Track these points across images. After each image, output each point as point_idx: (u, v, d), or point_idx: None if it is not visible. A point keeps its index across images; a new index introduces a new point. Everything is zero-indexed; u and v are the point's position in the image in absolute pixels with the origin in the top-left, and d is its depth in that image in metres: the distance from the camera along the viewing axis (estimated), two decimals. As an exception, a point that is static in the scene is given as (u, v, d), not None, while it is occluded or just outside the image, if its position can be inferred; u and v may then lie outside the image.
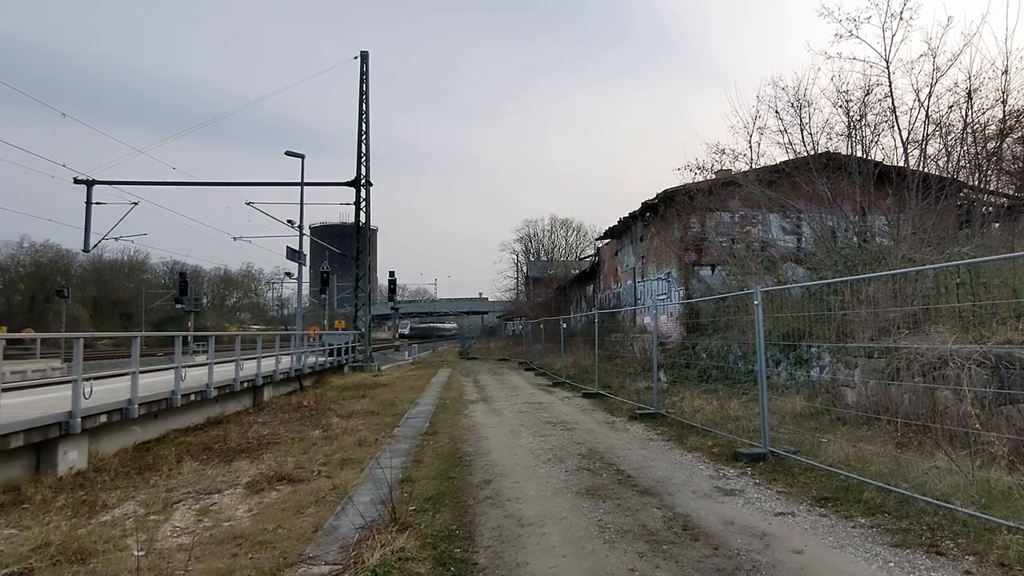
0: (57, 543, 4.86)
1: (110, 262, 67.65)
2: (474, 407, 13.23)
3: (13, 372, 18.88)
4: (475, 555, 4.37)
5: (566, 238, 69.15)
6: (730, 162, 17.85)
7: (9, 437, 6.65)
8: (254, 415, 12.98)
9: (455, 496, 5.99)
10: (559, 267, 49.28)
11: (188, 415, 11.39)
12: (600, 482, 6.39)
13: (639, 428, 9.82)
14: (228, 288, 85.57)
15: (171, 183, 28.86)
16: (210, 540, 5.05)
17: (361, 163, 28.63)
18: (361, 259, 29.26)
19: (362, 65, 29.03)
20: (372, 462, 7.64)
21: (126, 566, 4.32)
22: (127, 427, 9.27)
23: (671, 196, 19.02)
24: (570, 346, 20.89)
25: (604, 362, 16.13)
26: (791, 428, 8.19)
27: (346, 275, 33.77)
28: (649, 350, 15.88)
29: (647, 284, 22.49)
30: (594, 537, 4.67)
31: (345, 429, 10.35)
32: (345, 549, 4.54)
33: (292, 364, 18.28)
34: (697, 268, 18.91)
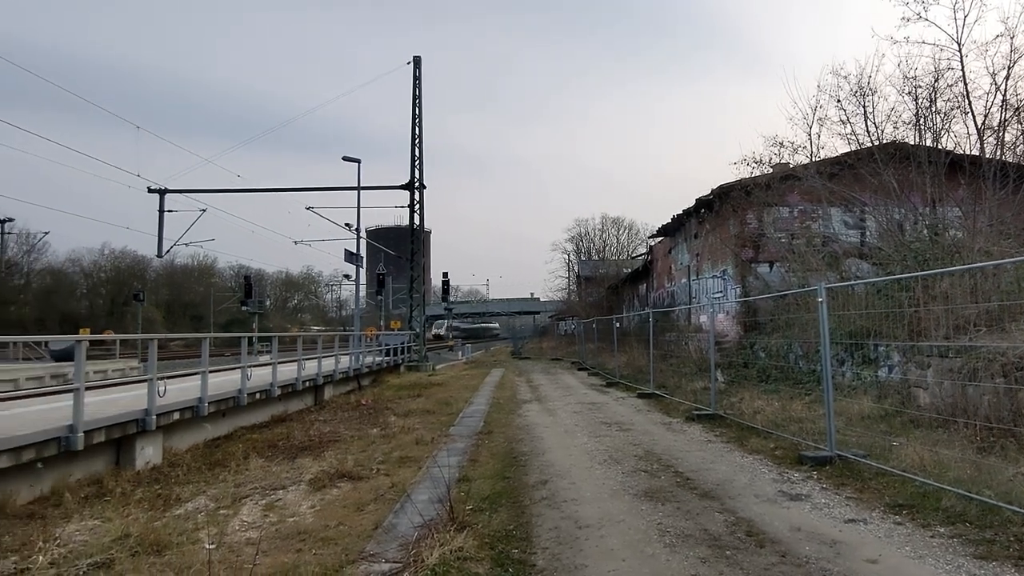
0: (136, 535, 5.08)
1: (181, 267, 71.17)
2: (528, 407, 13.23)
3: (96, 371, 20.05)
4: (533, 556, 4.35)
5: (617, 237, 68.33)
6: (789, 155, 17.25)
7: (93, 433, 7.06)
8: (316, 413, 13.38)
9: (511, 496, 5.99)
10: (611, 266, 48.75)
11: (254, 413, 11.83)
12: (659, 484, 6.28)
13: (697, 429, 9.61)
14: (290, 290, 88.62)
15: (236, 190, 30.18)
16: (276, 535, 5.19)
17: (415, 166, 29.11)
18: (415, 261, 29.76)
19: (415, 70, 29.51)
20: (429, 461, 7.74)
21: (199, 559, 4.46)
22: (198, 424, 9.71)
23: (726, 192, 18.53)
24: (623, 346, 20.65)
25: (659, 362, 15.86)
26: (859, 431, 7.85)
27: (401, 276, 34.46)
28: (705, 349, 15.55)
29: (702, 282, 21.99)
30: (654, 541, 4.58)
31: (402, 428, 10.53)
32: (405, 547, 4.59)
33: (351, 364, 18.73)
34: (754, 265, 18.37)
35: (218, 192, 29.91)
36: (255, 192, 30.47)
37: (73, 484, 6.95)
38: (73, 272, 63.31)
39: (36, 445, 6.37)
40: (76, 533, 5.34)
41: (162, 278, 69.33)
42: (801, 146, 16.97)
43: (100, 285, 64.82)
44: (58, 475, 6.93)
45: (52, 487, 6.77)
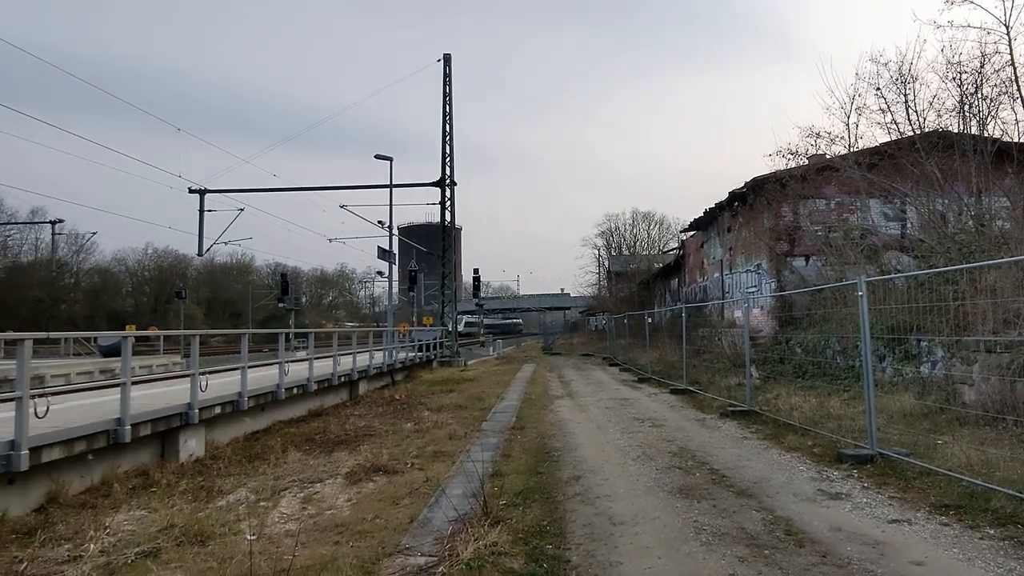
0: (180, 525, 5.23)
1: (221, 265, 73.18)
2: (559, 402, 13.23)
3: (141, 367, 20.70)
4: (567, 552, 4.35)
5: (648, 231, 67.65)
6: (826, 146, 16.85)
7: (139, 426, 7.31)
8: (350, 408, 13.60)
9: (544, 492, 6.00)
10: (642, 261, 48.33)
11: (291, 407, 12.09)
12: (693, 481, 6.22)
13: (731, 426, 9.49)
14: (324, 287, 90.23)
15: (272, 189, 30.88)
16: (314, 527, 5.28)
17: (446, 163, 29.28)
18: (447, 257, 29.94)
19: (445, 67, 29.65)
20: (462, 455, 7.80)
21: (240, 549, 4.56)
22: (238, 418, 9.97)
23: (761, 184, 18.20)
24: (655, 341, 20.47)
25: (692, 357, 15.68)
26: (901, 428, 7.65)
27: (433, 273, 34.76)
28: (739, 345, 15.30)
29: (735, 276, 21.65)
30: (690, 539, 4.54)
31: (435, 423, 10.63)
32: (440, 541, 4.63)
33: (384, 359, 18.97)
34: (789, 259, 18.01)
35: (255, 192, 30.67)
36: (290, 191, 31.15)
37: (121, 475, 7.20)
38: (119, 271, 65.78)
39: (87, 437, 6.62)
40: (124, 523, 5.53)
41: (202, 276, 71.34)
42: (838, 136, 16.56)
43: (144, 283, 67.14)
44: (107, 466, 7.19)
45: (102, 478, 7.03)
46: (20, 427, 5.68)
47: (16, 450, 5.62)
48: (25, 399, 5.72)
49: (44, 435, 6.04)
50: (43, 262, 54.53)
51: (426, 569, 4.14)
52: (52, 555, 4.86)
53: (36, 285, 52.76)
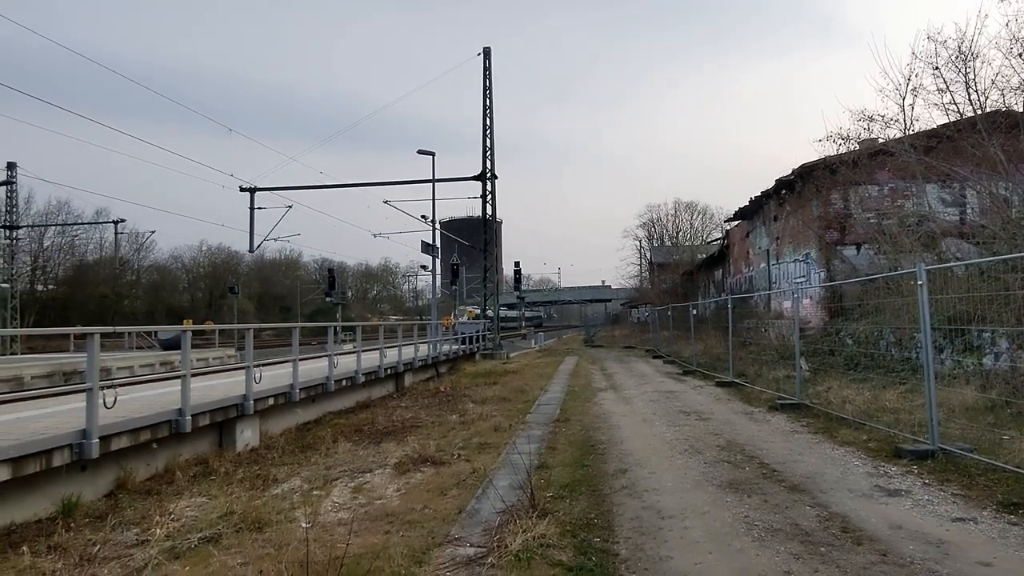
0: (239, 512, 5.42)
1: (271, 261, 75.54)
2: (603, 395, 13.17)
3: (198, 359, 21.53)
4: (615, 546, 4.33)
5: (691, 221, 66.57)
6: (879, 129, 16.16)
7: (198, 417, 7.62)
8: (397, 400, 13.85)
9: (591, 484, 5.99)
10: (684, 252, 47.56)
11: (340, 399, 12.39)
12: (743, 476, 6.11)
13: (781, 419, 9.28)
14: (369, 281, 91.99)
15: (319, 186, 31.59)
16: (365, 516, 5.39)
17: (486, 157, 29.36)
18: (488, 251, 30.07)
19: (485, 61, 29.69)
20: (508, 447, 7.85)
21: (296, 536, 4.70)
22: (290, 409, 10.28)
23: (809, 171, 17.66)
24: (700, 333, 20.14)
25: (738, 349, 15.37)
26: (963, 422, 7.35)
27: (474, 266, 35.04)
28: (787, 336, 14.94)
29: (782, 266, 21.11)
30: (741, 534, 4.47)
31: (480, 415, 10.72)
32: (488, 532, 4.66)
33: (429, 352, 19.24)
34: (840, 247, 17.46)
35: (302, 189, 31.45)
36: (336, 188, 31.69)
37: (183, 463, 7.52)
38: (176, 268, 68.74)
39: (151, 427, 6.94)
40: (187, 509, 5.77)
41: (253, 272, 73.68)
42: (892, 119, 15.86)
43: (199, 279, 69.87)
44: (170, 454, 7.52)
45: (165, 465, 7.36)
46: (91, 417, 5.99)
47: (87, 438, 5.93)
48: (95, 390, 6.03)
49: (112, 424, 6.35)
50: (107, 260, 57.28)
51: (475, 560, 4.17)
52: (122, 539, 5.12)
53: (101, 282, 55.61)
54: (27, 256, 49.50)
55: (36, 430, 6.07)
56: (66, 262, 55.73)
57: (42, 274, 53.26)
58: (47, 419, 6.77)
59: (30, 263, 50.78)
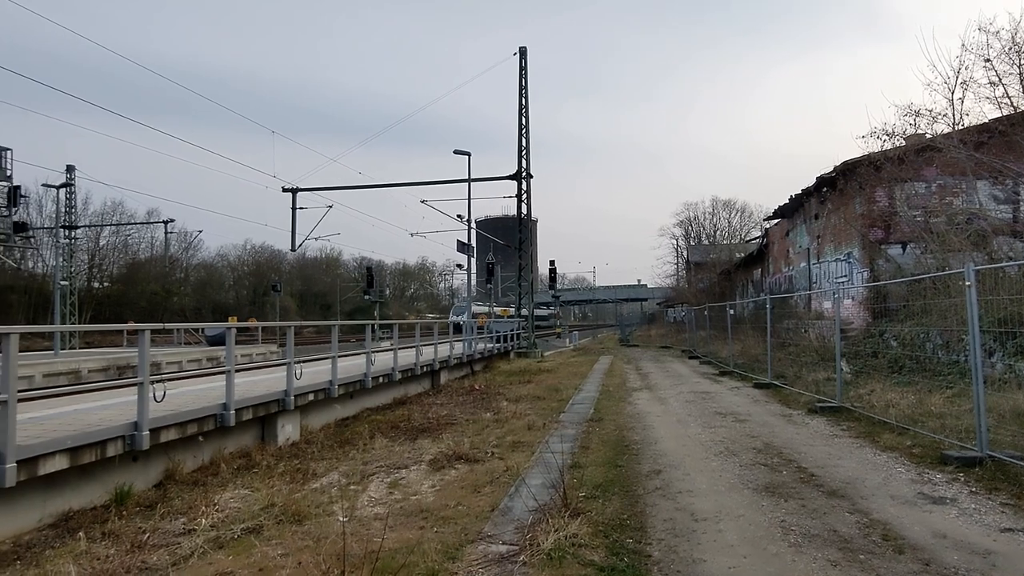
0: (280, 505, 5.59)
1: (312, 259, 77.33)
2: (638, 395, 13.09)
3: (242, 355, 22.19)
4: (648, 547, 4.32)
5: (729, 220, 65.61)
6: (926, 124, 15.64)
7: (242, 411, 7.88)
8: (432, 397, 14.03)
9: (624, 485, 5.98)
10: (722, 251, 46.81)
11: (377, 395, 12.63)
12: (780, 479, 6.02)
13: (820, 422, 9.09)
14: (406, 280, 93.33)
15: (358, 187, 32.23)
16: (400, 511, 5.48)
17: (522, 156, 29.40)
18: (523, 250, 30.12)
19: (521, 61, 29.72)
20: (541, 446, 7.87)
21: (333, 530, 4.82)
22: (329, 405, 10.53)
23: (851, 168, 17.19)
24: (737, 333, 19.81)
25: (776, 350, 15.07)
26: (1014, 429, 7.07)
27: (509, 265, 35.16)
28: (827, 337, 14.58)
29: (823, 266, 20.61)
30: (777, 539, 4.42)
31: (514, 413, 10.78)
32: (520, 530, 4.69)
33: (464, 350, 19.41)
34: (884, 246, 16.94)
35: (342, 189, 32.15)
36: (374, 188, 32.24)
37: (227, 456, 7.79)
38: (222, 266, 70.98)
39: (197, 420, 7.22)
40: (231, 500, 5.98)
41: (295, 270, 75.51)
42: (941, 114, 15.32)
43: (244, 277, 72.02)
44: (215, 447, 7.80)
45: (211, 458, 7.64)
46: (142, 410, 6.27)
47: (139, 431, 6.21)
48: (146, 384, 6.30)
49: (161, 417, 6.63)
50: (157, 259, 59.55)
51: (508, 557, 4.21)
52: (170, 527, 5.34)
53: (152, 279, 57.91)
54: (84, 255, 51.91)
55: (91, 422, 6.38)
56: (120, 260, 58.20)
57: (98, 272, 55.71)
58: (102, 411, 7.10)
59: (87, 261, 53.13)
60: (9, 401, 4.97)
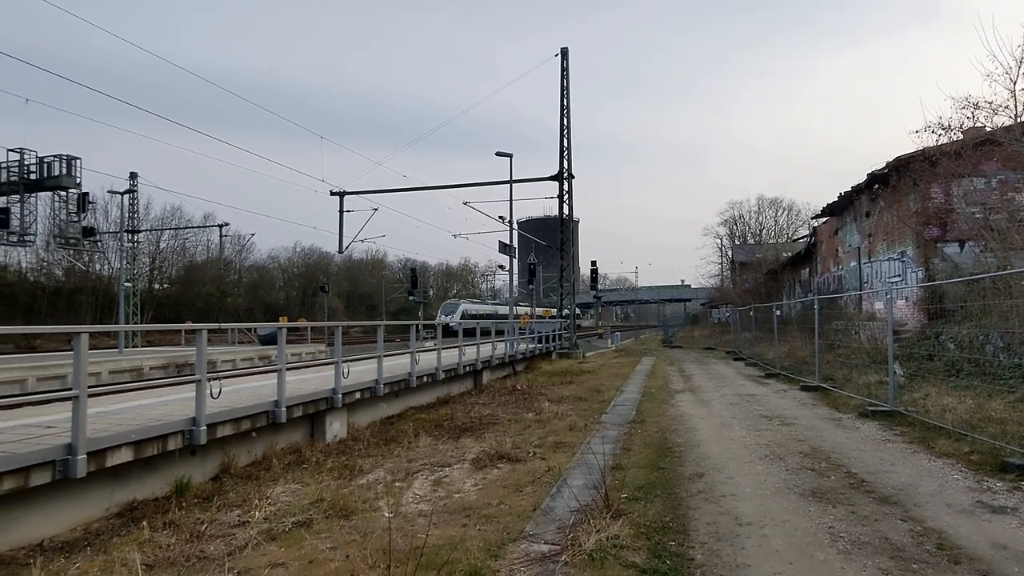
0: (328, 500, 5.77)
1: (358, 261, 79.20)
2: (680, 397, 12.94)
3: (292, 354, 22.86)
4: (691, 550, 4.30)
5: (775, 218, 64.04)
6: (986, 117, 14.96)
7: (293, 408, 8.15)
8: (475, 396, 14.17)
9: (666, 487, 5.95)
10: (768, 250, 45.67)
11: (422, 394, 12.85)
12: (828, 484, 5.89)
13: (871, 427, 8.83)
14: (449, 280, 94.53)
15: (402, 189, 32.85)
16: (443, 509, 5.58)
17: (563, 157, 29.39)
18: (565, 250, 30.09)
19: (562, 61, 29.73)
20: (583, 447, 7.89)
21: (379, 525, 4.94)
22: (375, 403, 10.77)
23: (905, 164, 16.58)
24: (784, 335, 19.35)
25: (825, 352, 14.68)
26: (1081, 437, 6.75)
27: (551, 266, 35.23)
28: (879, 339, 14.10)
29: (875, 265, 19.95)
30: (824, 545, 4.34)
31: (556, 413, 10.80)
32: (562, 530, 4.72)
33: (506, 350, 19.53)
34: (940, 245, 16.28)
35: (387, 192, 32.81)
36: (418, 191, 32.81)
37: (278, 451, 8.07)
38: (273, 268, 73.44)
39: (251, 417, 7.50)
40: (282, 494, 6.20)
41: (342, 272, 77.38)
42: (1001, 106, 14.61)
43: (294, 279, 74.31)
44: (267, 443, 8.09)
45: (263, 453, 7.92)
46: (199, 406, 6.56)
47: (196, 426, 6.50)
48: (203, 381, 6.59)
49: (217, 413, 6.92)
50: (213, 261, 61.95)
51: (549, 557, 4.24)
52: (226, 519, 5.57)
53: (208, 281, 60.41)
54: (146, 257, 54.47)
55: (153, 417, 6.71)
56: (178, 263, 60.94)
57: (158, 274, 58.35)
58: (162, 407, 7.45)
59: (149, 264, 55.69)
60: (80, 396, 5.28)
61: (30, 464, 5.00)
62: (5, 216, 26.39)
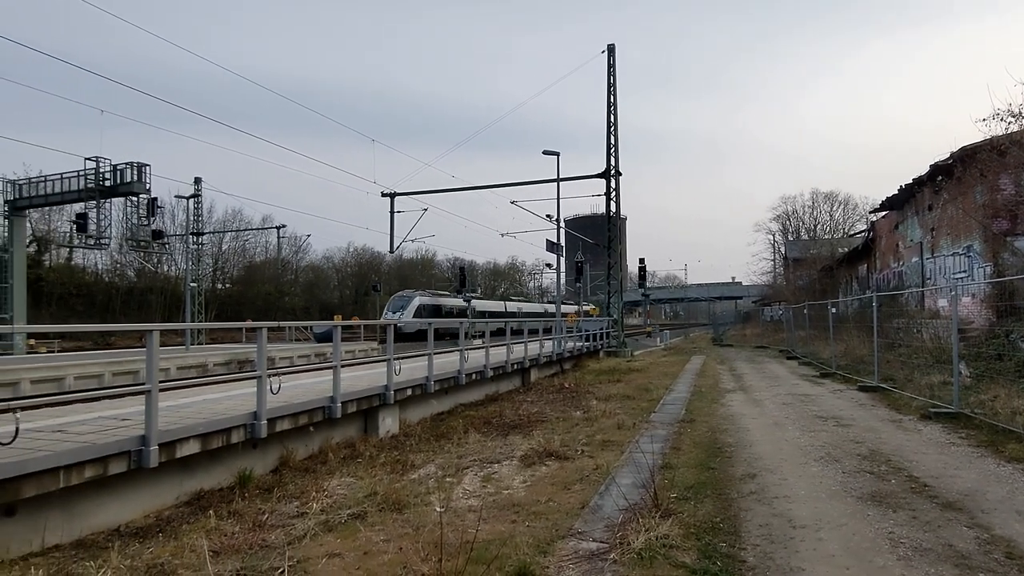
0: (381, 493, 5.93)
1: (408, 260, 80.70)
2: (731, 396, 12.71)
3: (346, 351, 23.48)
4: (742, 552, 4.26)
5: (831, 213, 62.00)
6: (1062, 102, 14.09)
7: (347, 404, 8.41)
8: (523, 394, 14.26)
9: (717, 487, 5.88)
10: (823, 246, 44.24)
11: (470, 392, 13.03)
12: (887, 488, 5.72)
13: (934, 429, 8.49)
14: (497, 279, 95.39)
15: (451, 189, 33.41)
16: (493, 505, 5.67)
17: (610, 154, 29.18)
18: (612, 248, 29.90)
19: (609, 58, 29.53)
20: (631, 446, 7.86)
21: (431, 519, 5.04)
22: (426, 400, 11.00)
23: (971, 154, 15.80)
24: (840, 333, 18.73)
25: (884, 351, 14.14)
26: None
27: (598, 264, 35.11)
28: (943, 338, 13.49)
29: (939, 260, 19.10)
30: (884, 551, 4.22)
31: (603, 412, 10.78)
32: (610, 528, 4.74)
33: (553, 348, 19.57)
34: (1010, 239, 15.46)
35: (436, 192, 33.42)
36: (466, 190, 33.33)
37: (334, 446, 8.33)
38: (327, 268, 75.67)
39: (308, 412, 7.78)
40: (338, 487, 6.41)
41: (393, 271, 79.01)
42: (1080, 90, 13.75)
43: (347, 278, 76.44)
44: (323, 437, 8.37)
45: (320, 447, 8.21)
46: (260, 401, 6.86)
47: (257, 420, 6.80)
48: (264, 378, 6.88)
49: (277, 408, 7.20)
50: (271, 261, 64.37)
51: (598, 555, 4.26)
52: (285, 510, 5.81)
53: (266, 280, 62.98)
54: (210, 259, 57.02)
55: (217, 411, 7.03)
56: (239, 263, 63.55)
57: (221, 274, 61.10)
58: (226, 401, 7.79)
59: (212, 264, 58.26)
60: (152, 390, 5.60)
61: (108, 454, 5.34)
62: (83, 221, 28.43)
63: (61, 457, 4.96)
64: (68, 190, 28.65)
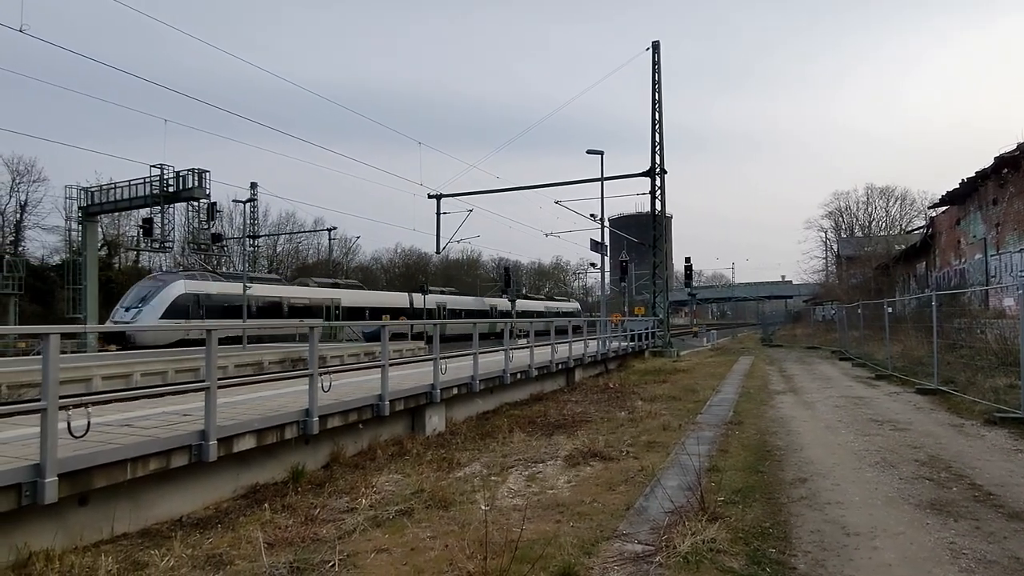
0: (428, 491, 6.03)
1: (454, 261, 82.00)
2: (781, 398, 12.41)
3: (394, 351, 23.91)
4: (792, 559, 4.16)
5: (886, 209, 59.72)
6: None
7: (395, 403, 8.59)
8: (567, 394, 14.25)
9: (766, 491, 5.77)
10: (878, 243, 42.66)
11: (515, 391, 13.12)
12: (948, 496, 5.50)
13: (1000, 435, 8.10)
14: (541, 279, 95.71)
15: (495, 190, 33.78)
16: (537, 504, 5.68)
17: (655, 152, 28.87)
18: (658, 247, 29.56)
19: (654, 55, 29.20)
20: (677, 447, 7.78)
21: (476, 517, 5.10)
22: (471, 399, 11.14)
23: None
24: (896, 333, 18.03)
25: (944, 352, 13.56)
26: None
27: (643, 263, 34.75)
28: (1009, 339, 12.84)
29: (1004, 258, 18.19)
30: (944, 562, 4.06)
31: (649, 413, 10.68)
32: (656, 531, 4.69)
33: (598, 348, 19.48)
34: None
35: (481, 193, 33.84)
36: (510, 191, 33.68)
37: (382, 443, 8.52)
38: (376, 268, 77.53)
39: (357, 410, 7.99)
40: (386, 484, 6.55)
41: (439, 271, 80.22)
42: None
43: (395, 279, 78.15)
44: (372, 435, 8.57)
45: (368, 444, 8.41)
46: (312, 399, 7.08)
47: (309, 417, 7.02)
48: (315, 376, 7.10)
49: (328, 406, 7.42)
50: (323, 262, 66.13)
51: (643, 557, 4.23)
52: (336, 505, 5.98)
53: (319, 281, 64.48)
54: (265, 260, 58.96)
55: (271, 407, 7.29)
56: (293, 264, 65.44)
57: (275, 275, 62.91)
58: (279, 398, 8.05)
59: (267, 266, 60.26)
60: (211, 388, 5.85)
61: (171, 448, 5.61)
62: (149, 225, 30.16)
63: (128, 450, 5.24)
64: (135, 196, 30.53)
